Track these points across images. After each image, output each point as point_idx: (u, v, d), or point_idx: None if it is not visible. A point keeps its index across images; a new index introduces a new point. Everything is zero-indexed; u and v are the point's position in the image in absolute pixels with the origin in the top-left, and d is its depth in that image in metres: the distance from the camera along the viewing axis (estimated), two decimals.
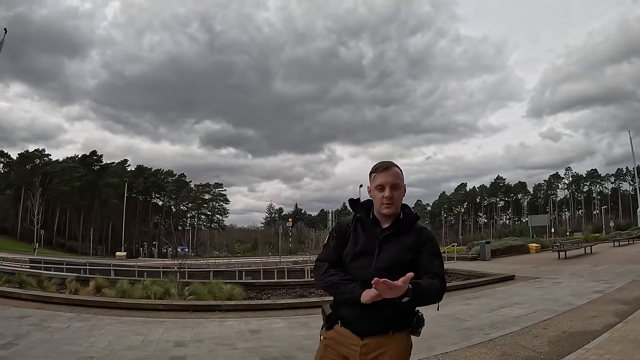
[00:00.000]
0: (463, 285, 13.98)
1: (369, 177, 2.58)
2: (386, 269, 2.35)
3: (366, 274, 2.33)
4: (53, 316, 8.57)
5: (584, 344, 6.22)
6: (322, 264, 2.57)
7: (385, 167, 2.52)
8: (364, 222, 2.58)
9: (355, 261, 2.49)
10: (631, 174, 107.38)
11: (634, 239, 30.80)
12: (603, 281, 12.73)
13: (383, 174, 2.49)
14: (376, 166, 2.56)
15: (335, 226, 2.72)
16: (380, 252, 2.46)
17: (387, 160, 2.58)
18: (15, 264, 25.62)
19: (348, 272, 2.48)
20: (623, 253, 22.56)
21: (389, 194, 2.45)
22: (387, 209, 2.47)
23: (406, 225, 2.55)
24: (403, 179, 2.56)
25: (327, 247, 2.65)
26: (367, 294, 2.24)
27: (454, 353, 6.25)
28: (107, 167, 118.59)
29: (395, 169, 2.52)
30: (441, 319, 8.70)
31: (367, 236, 2.52)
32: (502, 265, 21.03)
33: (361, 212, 2.60)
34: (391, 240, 2.49)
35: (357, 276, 2.41)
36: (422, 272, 2.40)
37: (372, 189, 2.54)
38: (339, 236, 2.61)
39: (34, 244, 70.36)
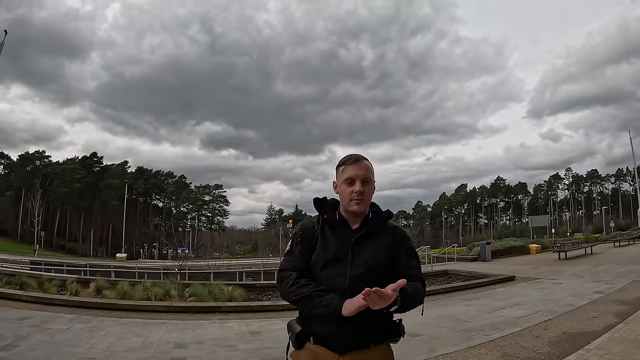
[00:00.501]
0: (463, 286, 13.98)
1: (336, 171, 2.38)
2: (363, 276, 2.18)
3: (341, 282, 2.17)
4: (53, 318, 8.57)
5: (585, 345, 6.23)
6: (289, 274, 2.25)
7: (356, 159, 2.31)
8: (331, 223, 2.33)
9: (327, 269, 2.23)
10: (631, 174, 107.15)
11: (635, 239, 30.83)
12: (603, 282, 12.73)
13: (353, 166, 2.28)
14: (345, 159, 2.35)
15: (299, 230, 2.40)
16: (354, 257, 2.24)
17: (357, 153, 2.37)
18: (16, 265, 25.59)
19: (319, 281, 2.21)
20: (623, 253, 22.57)
21: (359, 188, 2.23)
22: (357, 205, 2.25)
23: (378, 225, 2.37)
24: (374, 173, 2.36)
25: (292, 254, 2.34)
26: (350, 305, 2.02)
27: (454, 354, 6.25)
28: (108, 169, 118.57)
29: (366, 162, 2.33)
30: (442, 320, 8.73)
31: (337, 239, 2.28)
32: (502, 266, 21.02)
33: (328, 213, 2.36)
34: (364, 243, 2.28)
35: (330, 286, 2.17)
36: (401, 275, 2.14)
37: (339, 183, 2.33)
38: (304, 241, 2.33)
39: (34, 246, 70.27)
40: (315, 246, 2.29)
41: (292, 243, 2.38)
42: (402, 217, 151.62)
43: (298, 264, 2.27)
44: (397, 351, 6.43)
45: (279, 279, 2.30)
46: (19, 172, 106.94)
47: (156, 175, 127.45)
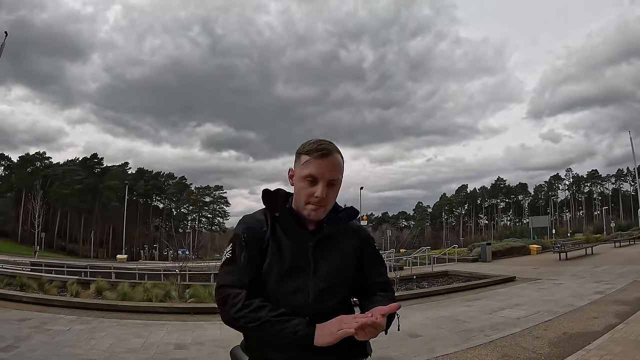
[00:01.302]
0: (464, 287, 13.96)
1: (296, 158, 1.85)
2: (329, 289, 1.79)
3: (303, 298, 1.75)
4: (54, 319, 8.57)
5: (585, 345, 6.22)
6: (236, 293, 1.69)
7: (325, 152, 1.76)
8: (284, 223, 1.84)
9: (284, 281, 1.76)
10: (632, 175, 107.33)
11: (635, 239, 30.77)
12: (604, 282, 12.72)
13: (319, 162, 1.74)
14: (309, 147, 1.78)
15: (242, 230, 1.82)
16: (316, 266, 1.80)
17: (326, 141, 1.82)
18: (16, 266, 25.54)
19: (273, 298, 1.73)
20: (624, 254, 22.54)
21: (321, 193, 1.73)
22: (314, 212, 1.77)
23: (341, 225, 1.92)
24: (343, 169, 1.86)
25: (234, 263, 1.77)
26: (328, 334, 1.58)
27: (454, 355, 6.24)
28: (108, 170, 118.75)
29: (337, 156, 1.80)
30: (442, 320, 8.74)
31: (293, 244, 1.80)
32: (502, 267, 21.02)
33: (280, 209, 1.85)
34: (327, 247, 1.85)
35: (290, 303, 1.72)
36: (369, 284, 1.93)
37: (297, 176, 1.81)
38: (251, 246, 1.78)
39: (34, 247, 70.17)
40: (265, 252, 1.78)
41: (233, 248, 1.80)
42: (402, 218, 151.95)
43: (245, 278, 1.73)
44: (397, 352, 6.43)
45: (221, 299, 1.72)
46: (20, 174, 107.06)
47: (157, 176, 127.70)
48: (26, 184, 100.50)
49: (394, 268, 21.31)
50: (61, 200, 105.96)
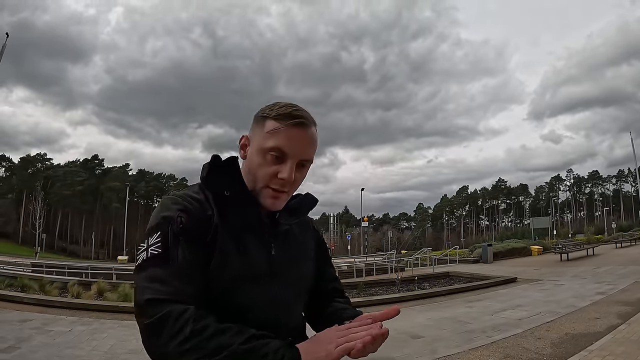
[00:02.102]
0: (465, 288, 13.96)
1: (256, 122, 1.35)
2: (297, 299, 1.44)
3: (273, 313, 1.31)
4: (55, 320, 8.57)
5: (587, 346, 6.21)
6: (177, 312, 1.07)
7: (301, 121, 1.29)
8: (239, 206, 1.30)
9: (245, 290, 1.26)
10: (633, 175, 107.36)
11: (636, 240, 30.74)
12: (605, 283, 12.70)
13: (293, 133, 1.27)
14: (282, 110, 1.29)
15: (177, 213, 1.21)
16: (282, 268, 1.37)
17: (299, 107, 1.34)
18: (17, 267, 25.53)
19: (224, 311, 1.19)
20: (625, 254, 22.52)
21: (289, 174, 1.27)
22: (274, 200, 1.31)
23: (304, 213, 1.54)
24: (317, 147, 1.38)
25: (167, 264, 1.14)
26: (323, 355, 1.11)
27: (456, 356, 6.24)
28: (109, 171, 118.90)
29: (315, 130, 1.35)
30: (444, 321, 8.73)
31: (252, 237, 1.31)
32: (504, 268, 21.00)
33: (234, 187, 1.31)
34: (290, 245, 1.43)
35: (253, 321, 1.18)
36: (325, 289, 1.59)
37: (256, 147, 1.31)
38: (193, 237, 1.20)
39: (35, 248, 70.26)
40: (211, 247, 1.22)
41: (164, 240, 1.18)
42: (403, 219, 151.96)
43: (188, 286, 1.14)
44: (399, 353, 6.44)
45: (153, 323, 1.07)
46: (21, 175, 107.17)
47: (158, 177, 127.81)
48: (27, 185, 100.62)
49: (395, 269, 21.28)
50: (62, 201, 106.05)
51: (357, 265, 26.13)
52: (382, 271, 24.13)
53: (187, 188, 1.37)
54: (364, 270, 24.00)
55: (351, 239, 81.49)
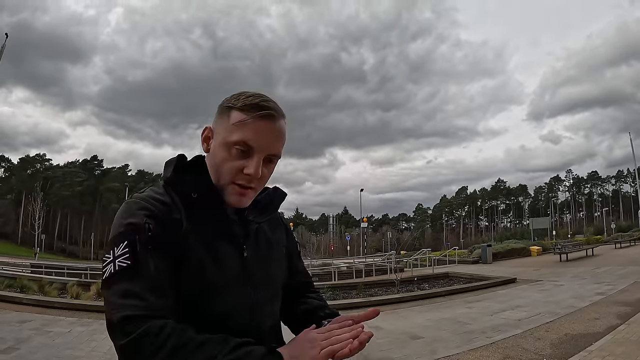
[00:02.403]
0: (465, 289, 13.96)
1: (220, 113, 1.26)
2: (271, 300, 1.36)
3: (245, 317, 1.24)
4: (54, 321, 8.57)
5: (587, 346, 6.22)
6: (156, 329, 1.00)
7: (270, 113, 1.21)
8: (207, 208, 1.23)
9: (218, 296, 1.20)
10: (632, 176, 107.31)
11: (636, 240, 30.75)
12: (605, 283, 12.70)
13: (260, 125, 1.19)
14: (249, 101, 1.20)
15: (144, 219, 1.13)
16: (254, 270, 1.30)
17: (267, 98, 1.24)
18: (16, 268, 25.58)
19: (200, 322, 1.12)
20: (625, 255, 22.52)
21: (256, 170, 1.19)
22: (241, 197, 1.24)
23: (275, 209, 1.47)
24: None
25: (138, 276, 1.06)
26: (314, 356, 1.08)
27: (456, 356, 6.25)
28: (108, 172, 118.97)
29: (283, 123, 1.26)
30: (443, 322, 8.73)
31: (222, 240, 1.25)
32: (503, 268, 21.00)
33: (202, 188, 1.23)
34: (261, 244, 1.37)
35: (226, 327, 1.15)
36: (297, 284, 1.55)
37: (220, 140, 1.23)
38: (162, 246, 1.12)
39: (34, 249, 70.34)
40: (182, 252, 1.15)
41: (132, 250, 1.09)
42: (402, 220, 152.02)
43: (163, 299, 1.07)
44: (399, 354, 6.44)
45: (133, 342, 0.99)
46: (20, 176, 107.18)
47: (157, 178, 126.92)
48: (26, 186, 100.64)
49: (395, 270, 21.28)
50: (61, 202, 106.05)
51: (356, 266, 26.15)
52: (382, 272, 24.14)
53: (150, 188, 1.26)
54: (364, 271, 24.02)
55: (350, 240, 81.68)
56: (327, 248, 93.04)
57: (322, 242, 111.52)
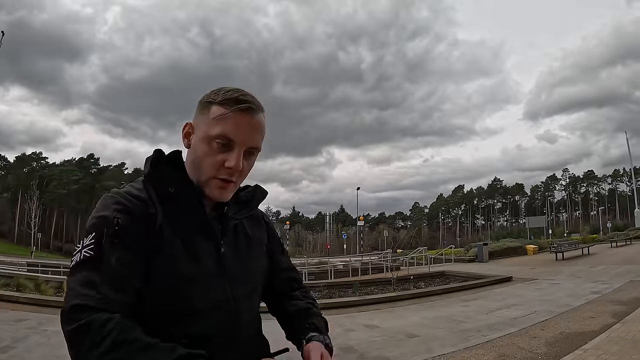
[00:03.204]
0: (461, 287, 13.99)
1: (200, 108, 1.28)
2: (249, 298, 1.35)
3: (225, 314, 1.25)
4: (50, 319, 8.53)
5: (582, 345, 6.23)
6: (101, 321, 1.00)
7: (249, 106, 1.23)
8: (184, 203, 1.25)
9: (195, 292, 1.19)
10: (628, 175, 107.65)
11: (632, 239, 30.83)
12: (600, 282, 12.74)
13: (240, 119, 1.21)
14: (228, 95, 1.23)
15: (114, 214, 1.14)
16: (233, 266, 1.31)
17: (246, 92, 1.27)
18: (13, 267, 25.48)
19: (175, 317, 1.17)
20: (620, 254, 22.57)
21: (236, 163, 1.21)
22: (221, 190, 1.25)
23: (255, 206, 1.48)
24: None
25: (98, 268, 1.08)
26: None
27: (451, 354, 6.26)
28: (105, 170, 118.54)
29: (262, 117, 1.28)
30: (439, 320, 8.75)
31: (200, 233, 1.26)
32: (499, 267, 21.04)
33: (178, 183, 1.25)
34: (241, 240, 1.39)
35: (205, 323, 1.20)
36: (280, 281, 1.57)
37: (201, 135, 1.24)
38: (131, 239, 1.13)
39: (31, 247, 70.10)
40: (155, 248, 1.16)
41: (97, 242, 1.11)
42: (399, 219, 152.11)
43: (118, 293, 1.08)
44: (394, 352, 6.46)
45: (75, 330, 1.00)
46: (16, 174, 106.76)
47: None
48: (22, 184, 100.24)
49: (391, 268, 21.31)
50: (57, 200, 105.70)
51: (352, 265, 26.21)
52: (378, 270, 24.20)
53: (129, 184, 1.30)
54: (360, 270, 24.09)
55: (347, 238, 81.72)
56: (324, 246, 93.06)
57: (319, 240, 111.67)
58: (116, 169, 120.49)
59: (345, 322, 9.06)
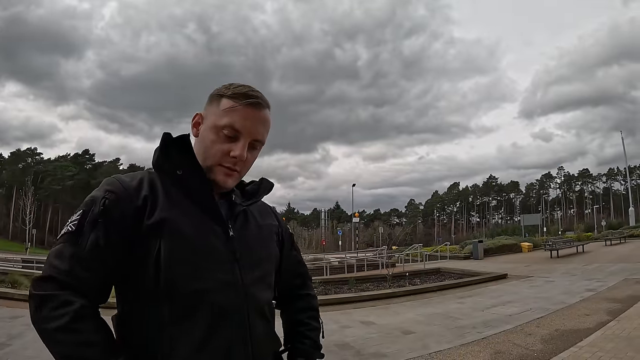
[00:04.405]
0: (456, 284, 14.03)
1: (211, 101, 1.33)
2: (261, 282, 1.34)
3: (235, 296, 1.24)
4: None
5: (577, 342, 6.26)
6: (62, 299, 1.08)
7: (257, 101, 1.29)
8: (192, 186, 1.26)
9: (203, 270, 1.19)
10: (622, 174, 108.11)
11: (626, 237, 30.94)
12: (595, 280, 12.78)
13: (248, 112, 1.27)
14: (238, 90, 1.29)
15: (104, 194, 1.18)
16: (243, 250, 1.30)
17: (255, 89, 1.33)
18: (8, 263, 25.39)
19: (184, 296, 1.16)
20: (615, 252, 22.65)
21: (241, 152, 1.26)
22: (227, 177, 1.29)
23: (260, 197, 1.49)
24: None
25: (75, 245, 1.13)
26: None
27: (447, 351, 6.28)
28: (100, 166, 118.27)
29: (268, 112, 1.34)
30: (435, 317, 8.76)
31: (208, 215, 1.26)
32: (494, 264, 21.08)
33: (187, 166, 1.26)
34: (250, 226, 1.38)
35: (214, 304, 1.19)
36: (289, 275, 1.57)
37: (209, 124, 1.29)
38: (114, 222, 1.15)
39: (26, 244, 70.00)
40: (146, 229, 1.16)
41: (81, 220, 1.16)
42: (394, 215, 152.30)
43: (86, 272, 1.11)
44: (391, 349, 6.46)
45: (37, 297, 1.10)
46: (11, 170, 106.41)
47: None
48: (17, 180, 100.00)
49: (386, 265, 21.34)
50: (52, 196, 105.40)
51: (348, 261, 26.13)
52: (373, 267, 24.16)
53: (139, 172, 1.32)
54: (355, 266, 24.03)
55: (342, 235, 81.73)
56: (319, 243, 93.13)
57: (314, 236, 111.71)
58: (111, 164, 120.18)
59: (341, 318, 9.07)
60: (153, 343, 1.14)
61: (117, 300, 1.24)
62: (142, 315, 1.17)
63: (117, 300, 1.24)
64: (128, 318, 1.21)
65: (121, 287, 1.22)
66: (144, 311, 1.16)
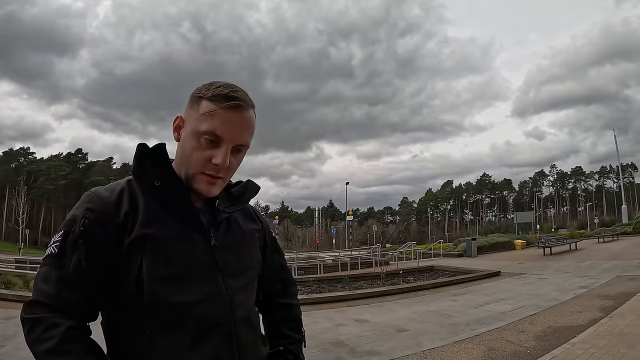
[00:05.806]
0: (450, 282, 14.06)
1: (191, 103, 1.26)
2: (244, 291, 1.32)
3: (220, 307, 1.22)
4: None
5: (570, 339, 6.29)
6: (50, 322, 1.07)
7: (239, 103, 1.21)
8: (170, 197, 1.22)
9: (186, 286, 1.17)
10: (615, 172, 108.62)
11: (618, 235, 31.06)
12: (588, 277, 12.83)
13: (229, 116, 1.19)
14: (218, 91, 1.20)
15: (84, 213, 1.16)
16: (225, 260, 1.27)
17: (237, 88, 1.25)
18: (1, 264, 25.32)
19: (170, 311, 1.15)
20: (607, 249, 22.73)
21: (223, 160, 1.19)
22: (210, 186, 1.23)
23: (244, 202, 1.43)
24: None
25: (60, 267, 1.12)
26: None
27: (441, 349, 6.30)
28: (93, 165, 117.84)
29: (252, 113, 1.26)
30: (428, 315, 8.78)
31: (188, 226, 1.23)
32: (488, 262, 21.11)
33: (164, 176, 1.22)
34: (233, 235, 1.34)
35: (200, 317, 1.18)
36: (272, 279, 1.55)
37: (190, 130, 1.22)
38: (96, 240, 1.14)
39: (19, 244, 69.65)
40: (127, 246, 1.14)
41: (63, 240, 1.15)
42: (388, 213, 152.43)
43: (71, 294, 1.11)
44: (384, 346, 6.49)
45: (27, 322, 1.10)
46: (3, 169, 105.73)
47: None
48: (10, 180, 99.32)
49: (380, 263, 21.36)
50: (45, 195, 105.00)
51: (341, 259, 26.15)
52: (367, 265, 24.24)
53: (117, 181, 1.28)
54: (349, 264, 24.08)
55: (336, 233, 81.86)
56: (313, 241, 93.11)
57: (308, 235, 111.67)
58: (104, 164, 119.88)
59: (336, 316, 9.09)
60: (140, 354, 1.15)
61: (102, 313, 1.22)
62: (127, 327, 1.17)
63: (102, 313, 1.22)
64: (115, 329, 1.20)
65: (107, 302, 1.19)
66: (130, 324, 1.16)
